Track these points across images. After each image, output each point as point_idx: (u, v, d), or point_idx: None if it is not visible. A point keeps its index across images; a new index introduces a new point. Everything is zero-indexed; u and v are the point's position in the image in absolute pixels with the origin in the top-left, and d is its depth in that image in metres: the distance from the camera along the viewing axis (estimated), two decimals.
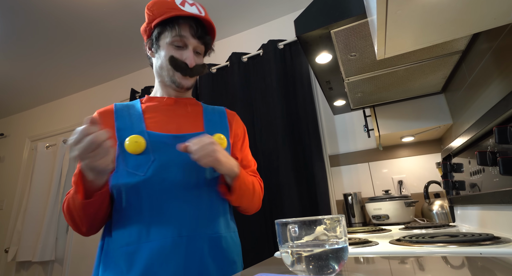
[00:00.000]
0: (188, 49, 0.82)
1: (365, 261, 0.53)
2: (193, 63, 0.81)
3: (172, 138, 0.77)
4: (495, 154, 0.65)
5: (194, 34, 0.81)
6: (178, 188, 0.74)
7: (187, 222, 0.73)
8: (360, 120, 1.87)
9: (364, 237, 0.87)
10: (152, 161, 0.74)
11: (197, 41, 0.82)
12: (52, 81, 3.01)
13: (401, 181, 1.65)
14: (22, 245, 2.71)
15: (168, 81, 0.85)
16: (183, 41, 0.80)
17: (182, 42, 0.81)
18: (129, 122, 0.79)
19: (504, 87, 0.77)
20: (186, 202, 0.74)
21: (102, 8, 2.07)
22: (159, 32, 0.82)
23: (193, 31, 0.81)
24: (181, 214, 0.73)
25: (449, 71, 1.15)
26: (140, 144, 0.73)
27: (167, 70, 0.83)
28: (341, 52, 1.00)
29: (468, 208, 0.96)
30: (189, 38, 0.81)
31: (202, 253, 0.72)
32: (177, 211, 0.73)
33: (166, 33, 0.81)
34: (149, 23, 0.83)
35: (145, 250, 0.68)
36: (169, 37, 0.80)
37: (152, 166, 0.73)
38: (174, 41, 0.80)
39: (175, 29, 0.79)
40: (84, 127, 0.58)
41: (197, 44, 0.83)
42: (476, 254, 0.51)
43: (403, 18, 0.54)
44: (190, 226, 0.73)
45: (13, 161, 3.42)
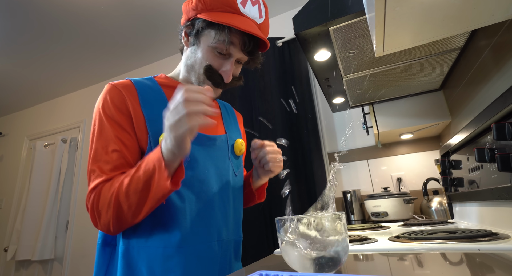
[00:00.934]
0: (229, 60, 0.70)
1: (364, 258, 0.54)
2: (230, 80, 0.71)
3: (206, 139, 0.72)
4: (493, 150, 0.65)
5: (243, 47, 0.69)
6: (213, 191, 0.71)
7: (222, 227, 0.71)
8: (359, 118, 1.87)
9: (363, 234, 0.87)
10: (188, 161, 0.67)
11: (242, 53, 0.70)
12: (50, 80, 3.00)
13: (400, 178, 1.66)
14: (22, 244, 2.71)
15: (195, 82, 0.74)
16: (228, 50, 0.68)
17: (227, 51, 0.69)
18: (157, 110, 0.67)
19: (502, 84, 0.77)
20: (220, 206, 0.72)
21: (100, 6, 2.06)
22: (203, 27, 0.69)
23: (243, 45, 0.68)
24: (217, 219, 0.71)
25: (448, 68, 1.15)
26: None
27: (198, 75, 0.72)
28: (339, 49, 1.00)
29: (466, 205, 0.97)
30: (236, 49, 0.69)
31: (231, 256, 0.74)
32: (214, 215, 0.70)
33: (212, 33, 0.68)
34: (195, 9, 0.69)
35: (184, 254, 0.64)
36: (214, 40, 0.67)
37: (189, 166, 0.67)
38: (218, 48, 0.68)
39: (224, 35, 0.66)
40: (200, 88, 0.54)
41: (243, 56, 0.71)
42: (474, 250, 0.51)
43: (401, 15, 0.54)
44: (224, 231, 0.72)
45: (12, 159, 3.41)
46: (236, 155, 0.81)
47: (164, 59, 2.80)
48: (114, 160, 0.62)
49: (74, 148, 3.03)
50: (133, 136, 0.65)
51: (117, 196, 0.58)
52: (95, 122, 0.66)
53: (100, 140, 0.64)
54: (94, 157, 0.63)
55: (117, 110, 0.65)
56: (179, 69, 0.80)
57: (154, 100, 0.69)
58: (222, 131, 0.80)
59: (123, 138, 0.64)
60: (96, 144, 0.64)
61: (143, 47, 2.60)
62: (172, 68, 3.07)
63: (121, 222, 0.60)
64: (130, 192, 0.57)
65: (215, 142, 0.74)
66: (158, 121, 0.64)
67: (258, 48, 0.72)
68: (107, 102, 0.66)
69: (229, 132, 0.82)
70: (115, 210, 0.58)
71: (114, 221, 0.59)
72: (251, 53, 0.71)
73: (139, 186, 0.57)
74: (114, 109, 0.65)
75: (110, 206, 0.58)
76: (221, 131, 0.80)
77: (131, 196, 0.57)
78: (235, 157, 0.81)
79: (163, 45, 2.60)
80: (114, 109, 0.65)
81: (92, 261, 2.56)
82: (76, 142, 3.04)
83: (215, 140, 0.74)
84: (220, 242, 0.70)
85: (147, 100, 0.68)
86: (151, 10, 2.15)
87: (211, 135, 0.74)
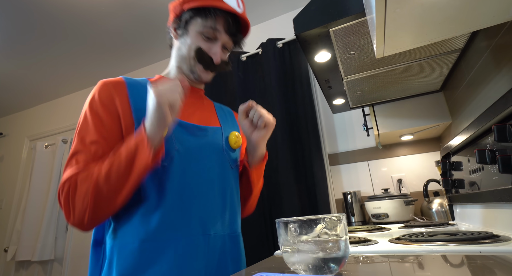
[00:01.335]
0: (217, 44, 0.77)
1: (364, 260, 0.53)
2: (219, 61, 0.77)
3: (196, 129, 0.74)
4: (494, 152, 0.65)
5: (228, 30, 0.76)
6: (202, 182, 0.70)
7: (210, 221, 0.69)
8: (359, 119, 1.87)
9: (363, 235, 0.87)
10: (176, 149, 0.68)
11: (228, 38, 0.77)
12: (51, 81, 3.00)
13: (401, 180, 1.66)
14: (22, 244, 2.71)
15: (186, 70, 0.79)
16: (214, 34, 0.75)
17: (213, 35, 0.75)
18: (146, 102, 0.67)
19: (503, 85, 0.77)
20: (210, 199, 0.71)
21: (100, 8, 2.06)
22: (190, 17, 0.76)
23: (228, 27, 0.76)
24: (205, 212, 0.69)
25: (448, 70, 1.15)
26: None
27: (189, 59, 0.77)
28: (340, 50, 1.00)
29: (467, 206, 0.96)
30: (221, 32, 0.76)
31: (222, 252, 0.71)
32: (201, 208, 0.69)
33: (198, 20, 0.75)
34: (182, 3, 0.76)
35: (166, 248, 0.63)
36: (201, 26, 0.74)
37: (176, 155, 0.68)
38: (205, 32, 0.75)
39: (210, 20, 0.74)
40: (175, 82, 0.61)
41: (228, 40, 0.78)
42: (475, 253, 0.51)
43: (402, 17, 0.54)
44: (214, 224, 0.70)
45: (12, 160, 3.41)
46: (231, 147, 0.81)
47: (164, 60, 2.80)
48: (92, 152, 0.63)
49: None
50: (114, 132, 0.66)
51: (96, 181, 0.58)
52: (80, 118, 0.68)
53: (80, 133, 0.65)
54: (72, 149, 0.64)
55: (102, 106, 0.67)
56: (171, 65, 0.84)
57: (143, 93, 0.71)
58: (214, 122, 0.82)
59: (103, 131, 0.65)
60: (76, 138, 0.65)
61: (143, 49, 2.61)
62: None
63: (98, 210, 0.58)
64: (112, 173, 0.58)
65: (207, 133, 0.76)
66: (143, 112, 0.66)
67: (241, 31, 0.80)
68: (94, 99, 0.68)
69: (224, 125, 0.83)
70: (94, 196, 0.57)
71: (91, 210, 0.58)
72: (234, 35, 0.78)
73: (122, 165, 0.58)
74: (100, 105, 0.67)
75: (88, 193, 0.57)
76: (212, 121, 0.82)
77: (113, 176, 0.58)
78: (230, 149, 0.80)
79: (163, 47, 2.60)
80: (100, 105, 0.67)
81: None
82: None
83: (206, 130, 0.76)
84: (206, 236, 0.68)
85: (136, 93, 0.71)
86: (152, 12, 2.15)
87: (202, 126, 0.76)
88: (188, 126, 0.73)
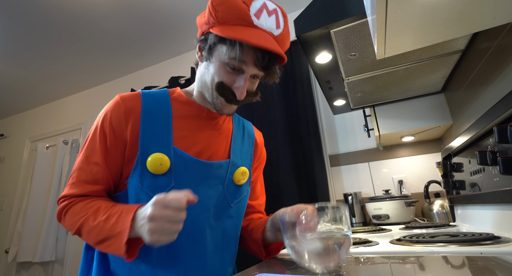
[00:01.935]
0: (242, 77, 0.66)
1: (365, 260, 0.53)
2: (243, 96, 0.66)
3: (199, 164, 0.69)
4: (495, 153, 0.65)
5: (257, 63, 0.64)
6: (192, 225, 0.66)
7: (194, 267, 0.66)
8: (360, 120, 1.87)
9: (364, 236, 0.87)
10: (172, 186, 0.65)
11: (256, 69, 0.66)
12: (52, 82, 3.01)
13: (401, 181, 1.65)
14: (23, 245, 2.71)
15: (208, 98, 0.71)
16: (240, 66, 0.64)
17: (239, 67, 0.65)
18: (157, 128, 0.67)
19: (504, 87, 0.77)
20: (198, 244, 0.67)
21: (102, 9, 2.07)
22: (214, 42, 0.66)
23: (257, 60, 0.64)
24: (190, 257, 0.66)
25: (449, 71, 1.15)
26: (163, 167, 0.64)
27: (211, 90, 0.68)
28: (341, 52, 1.00)
29: (468, 208, 0.96)
30: (249, 65, 0.64)
31: None
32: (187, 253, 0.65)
33: (223, 48, 0.64)
34: (208, 23, 0.66)
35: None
36: (226, 56, 0.64)
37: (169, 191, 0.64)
38: (230, 64, 0.64)
39: (235, 51, 0.62)
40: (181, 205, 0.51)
41: (258, 72, 0.67)
42: (476, 254, 0.51)
43: (402, 18, 0.54)
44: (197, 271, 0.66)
45: (13, 161, 3.42)
46: (235, 184, 0.74)
47: (166, 61, 2.81)
48: (92, 173, 0.65)
49: (76, 150, 3.04)
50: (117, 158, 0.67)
51: (81, 226, 0.61)
52: (91, 128, 0.70)
53: (87, 150, 0.67)
54: (77, 164, 0.67)
55: (112, 130, 0.66)
56: (195, 86, 0.77)
57: (156, 115, 0.69)
58: (225, 155, 0.75)
59: (107, 157, 0.66)
60: (84, 152, 0.68)
61: (145, 49, 2.61)
62: (174, 70, 3.09)
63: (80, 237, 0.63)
64: (91, 233, 0.60)
65: (211, 168, 0.70)
66: (152, 139, 0.66)
67: (275, 62, 0.67)
68: (106, 118, 0.67)
69: (234, 158, 0.76)
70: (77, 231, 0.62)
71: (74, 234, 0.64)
72: (266, 68, 0.66)
73: (100, 236, 0.59)
74: (110, 128, 0.67)
75: (73, 227, 0.62)
76: (224, 155, 0.74)
77: (91, 236, 0.60)
78: (233, 185, 0.74)
79: (165, 47, 2.61)
80: (109, 128, 0.67)
81: None
82: (77, 144, 3.05)
83: (211, 166, 0.70)
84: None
85: (148, 115, 0.68)
86: (153, 12, 2.16)
87: (207, 162, 0.70)
88: (189, 160, 0.68)
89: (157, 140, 0.66)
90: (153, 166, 0.64)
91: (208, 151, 0.72)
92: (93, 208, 0.61)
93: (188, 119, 0.72)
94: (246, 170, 0.76)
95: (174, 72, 2.67)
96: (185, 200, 0.51)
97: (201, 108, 0.74)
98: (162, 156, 0.64)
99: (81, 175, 0.65)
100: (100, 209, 0.61)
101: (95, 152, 0.66)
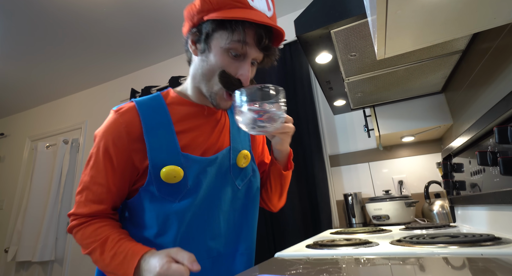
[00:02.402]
0: (246, 61, 0.65)
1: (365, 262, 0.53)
2: (248, 83, 0.66)
3: (207, 162, 0.71)
4: (495, 153, 0.64)
5: (260, 43, 0.63)
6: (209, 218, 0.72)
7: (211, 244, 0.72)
8: (360, 120, 1.86)
9: (364, 237, 0.87)
10: (187, 189, 0.68)
11: (259, 53, 0.65)
12: (52, 81, 3.01)
13: (402, 181, 1.65)
14: (22, 245, 2.72)
15: (206, 92, 0.69)
16: (244, 49, 0.63)
17: (242, 51, 0.63)
18: (161, 139, 0.67)
19: (504, 87, 0.77)
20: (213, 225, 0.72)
21: (102, 8, 2.07)
22: (213, 29, 0.63)
23: (260, 40, 0.63)
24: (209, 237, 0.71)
25: (449, 71, 1.15)
26: (178, 178, 0.66)
27: (212, 82, 0.67)
28: (341, 52, 1.00)
29: (468, 208, 0.96)
30: (252, 47, 0.63)
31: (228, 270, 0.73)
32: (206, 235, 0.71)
33: (224, 34, 0.62)
34: (202, 11, 0.63)
35: None
36: (228, 41, 0.62)
37: (186, 194, 0.68)
38: (233, 49, 0.62)
39: (239, 33, 0.60)
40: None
41: (258, 54, 0.66)
42: (477, 255, 0.51)
43: (403, 18, 0.54)
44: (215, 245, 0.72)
45: (13, 160, 3.42)
46: (239, 167, 0.78)
47: (166, 61, 2.81)
48: (97, 193, 0.67)
49: (76, 149, 3.04)
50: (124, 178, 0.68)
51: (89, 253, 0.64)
52: (94, 147, 0.69)
53: (92, 169, 0.68)
54: (84, 181, 0.68)
55: (115, 149, 0.66)
56: (188, 84, 0.76)
57: (157, 125, 0.68)
58: (225, 143, 0.76)
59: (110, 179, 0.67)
60: (89, 171, 0.68)
61: (145, 49, 2.61)
62: (174, 69, 3.09)
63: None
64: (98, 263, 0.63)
65: (216, 160, 0.73)
66: (160, 150, 0.66)
67: (273, 43, 0.67)
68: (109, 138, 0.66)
69: (234, 144, 0.77)
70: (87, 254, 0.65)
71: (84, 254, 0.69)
72: (267, 49, 0.65)
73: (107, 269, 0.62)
74: (113, 147, 0.66)
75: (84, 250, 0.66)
76: (224, 143, 0.76)
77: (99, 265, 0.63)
78: (238, 169, 0.77)
79: (165, 47, 2.61)
80: (112, 147, 0.66)
81: (92, 263, 2.56)
82: (77, 143, 3.05)
83: (216, 158, 0.72)
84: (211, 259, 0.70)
85: (150, 127, 0.67)
86: (153, 12, 2.16)
87: (213, 157, 0.72)
88: (199, 162, 0.70)
89: (166, 151, 0.66)
90: (168, 178, 0.65)
91: (213, 147, 0.74)
92: (102, 238, 0.63)
93: (188, 120, 0.72)
94: (247, 153, 0.79)
95: (175, 72, 2.67)
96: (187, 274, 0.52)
97: (199, 106, 0.74)
98: (175, 168, 0.65)
99: (88, 194, 0.67)
100: (107, 241, 0.63)
101: (99, 172, 0.67)
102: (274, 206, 0.91)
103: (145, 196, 0.67)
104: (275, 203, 0.90)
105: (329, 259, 0.57)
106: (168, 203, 0.66)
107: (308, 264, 0.53)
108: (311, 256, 0.62)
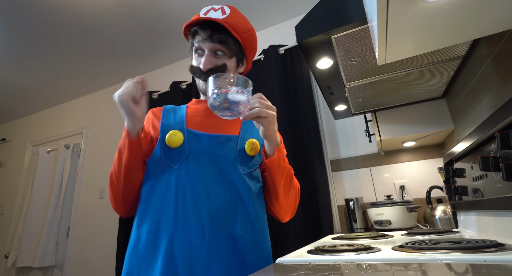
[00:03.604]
0: (204, 54, 0.83)
1: (367, 268, 0.53)
2: (206, 67, 0.82)
3: (207, 137, 0.82)
4: (497, 159, 0.64)
5: (208, 37, 0.81)
6: (206, 183, 0.77)
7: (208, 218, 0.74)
8: (361, 125, 1.86)
9: (366, 243, 0.86)
10: (186, 155, 0.79)
11: (211, 43, 0.82)
12: (54, 87, 3.03)
13: (403, 186, 1.65)
14: (22, 250, 2.70)
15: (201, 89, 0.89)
16: (201, 47, 0.83)
17: (201, 48, 0.83)
18: (173, 120, 0.85)
19: (505, 93, 0.77)
20: (211, 197, 0.76)
21: (105, 15, 2.08)
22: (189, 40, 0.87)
23: (207, 35, 0.81)
24: (204, 209, 0.75)
25: (450, 76, 1.15)
26: (178, 138, 0.79)
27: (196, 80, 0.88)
28: (342, 57, 1.00)
29: (471, 214, 0.96)
30: (204, 43, 0.82)
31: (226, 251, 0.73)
32: (202, 205, 0.75)
33: (191, 41, 0.86)
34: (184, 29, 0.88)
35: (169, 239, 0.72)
36: (193, 46, 0.85)
37: (185, 160, 0.79)
38: (196, 50, 0.84)
39: (193, 38, 0.84)
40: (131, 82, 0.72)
41: (213, 46, 0.82)
42: (480, 262, 0.50)
43: (403, 24, 0.54)
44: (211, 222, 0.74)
45: (15, 165, 3.42)
46: (248, 155, 0.83)
47: (167, 66, 2.82)
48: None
49: (77, 154, 3.04)
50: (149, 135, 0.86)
51: (110, 174, 0.79)
52: None
53: None
54: None
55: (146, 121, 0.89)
56: None
57: (174, 112, 0.89)
58: (234, 132, 0.86)
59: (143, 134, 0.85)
60: None
61: (146, 54, 2.63)
62: (175, 74, 3.11)
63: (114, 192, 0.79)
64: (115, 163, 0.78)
65: (219, 140, 0.81)
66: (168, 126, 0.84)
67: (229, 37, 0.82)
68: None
69: (244, 133, 0.86)
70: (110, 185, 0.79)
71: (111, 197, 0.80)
72: (217, 38, 0.81)
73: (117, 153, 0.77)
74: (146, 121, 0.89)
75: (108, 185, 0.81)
76: (233, 132, 0.86)
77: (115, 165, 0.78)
78: (246, 156, 0.83)
79: (166, 52, 2.62)
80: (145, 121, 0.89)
81: (92, 268, 2.54)
82: (78, 148, 3.06)
83: (218, 137, 0.82)
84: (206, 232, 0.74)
85: (167, 114, 0.88)
86: (155, 18, 2.18)
87: (214, 134, 0.82)
88: (199, 135, 0.82)
89: (174, 124, 0.84)
90: (169, 138, 0.79)
91: (215, 128, 0.85)
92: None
93: (200, 112, 0.88)
94: (255, 141, 0.85)
95: (176, 77, 2.68)
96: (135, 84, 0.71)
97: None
98: (177, 131, 0.80)
99: None
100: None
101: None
102: (278, 212, 0.89)
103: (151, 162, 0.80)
104: (276, 207, 0.87)
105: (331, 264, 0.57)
106: (169, 169, 0.78)
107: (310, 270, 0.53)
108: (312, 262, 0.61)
